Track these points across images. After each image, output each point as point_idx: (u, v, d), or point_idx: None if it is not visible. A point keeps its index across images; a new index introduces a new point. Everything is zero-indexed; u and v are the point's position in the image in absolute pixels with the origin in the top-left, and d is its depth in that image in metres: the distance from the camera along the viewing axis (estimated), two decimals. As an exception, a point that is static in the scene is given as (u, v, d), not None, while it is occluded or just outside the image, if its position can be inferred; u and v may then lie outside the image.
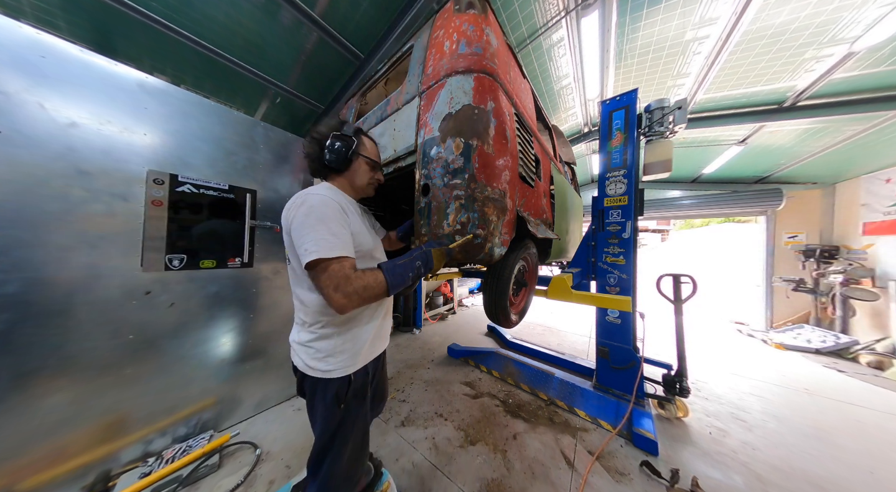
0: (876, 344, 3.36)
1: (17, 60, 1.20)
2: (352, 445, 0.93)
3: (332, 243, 0.75)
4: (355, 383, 0.91)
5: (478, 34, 1.12)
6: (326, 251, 0.73)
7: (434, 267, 0.89)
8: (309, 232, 0.75)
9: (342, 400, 0.89)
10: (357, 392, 0.92)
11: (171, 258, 1.59)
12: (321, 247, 0.73)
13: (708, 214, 5.29)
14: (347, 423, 0.91)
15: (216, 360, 1.78)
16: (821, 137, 3.29)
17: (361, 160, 0.98)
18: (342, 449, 0.91)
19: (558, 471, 1.54)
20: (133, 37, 2.08)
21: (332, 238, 0.75)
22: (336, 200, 0.84)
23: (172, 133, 1.62)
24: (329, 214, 0.78)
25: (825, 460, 1.68)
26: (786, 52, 2.18)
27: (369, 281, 0.76)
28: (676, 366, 1.97)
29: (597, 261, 2.14)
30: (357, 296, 0.74)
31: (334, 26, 2.21)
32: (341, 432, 0.90)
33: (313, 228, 0.75)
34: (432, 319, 4.53)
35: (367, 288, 0.75)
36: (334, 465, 0.91)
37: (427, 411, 2.07)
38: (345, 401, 0.90)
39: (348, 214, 0.86)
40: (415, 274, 0.85)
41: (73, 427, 1.31)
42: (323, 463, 0.91)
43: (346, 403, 0.90)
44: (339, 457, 0.92)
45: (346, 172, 0.97)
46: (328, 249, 0.74)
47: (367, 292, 0.75)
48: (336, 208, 0.81)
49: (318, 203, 0.79)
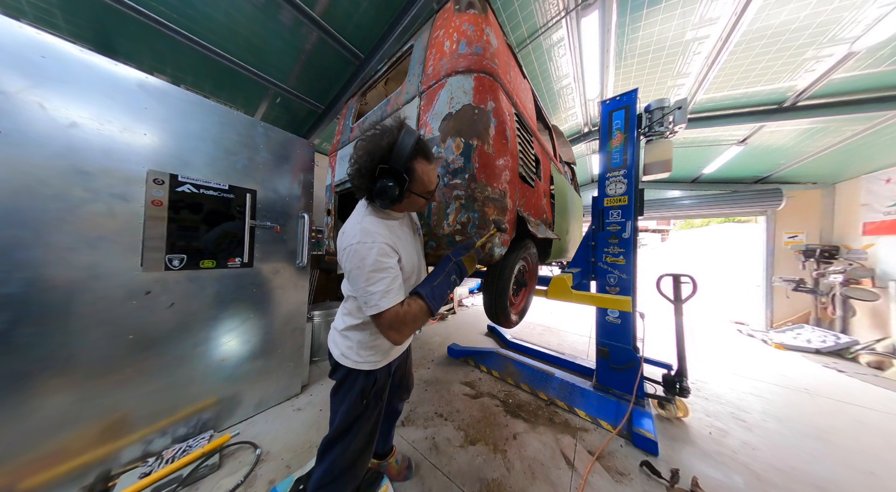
0: (876, 344, 3.36)
1: (17, 60, 1.20)
2: (361, 439, 1.00)
3: (388, 297, 0.80)
4: (379, 380, 1.00)
5: (478, 34, 1.12)
6: (386, 304, 0.79)
7: (469, 271, 0.93)
8: (364, 285, 0.80)
9: (366, 396, 0.97)
10: (378, 391, 1.00)
11: (171, 258, 1.59)
12: (380, 301, 0.79)
13: (708, 214, 5.29)
14: (364, 417, 0.99)
15: (216, 360, 1.78)
16: (821, 137, 3.29)
17: (414, 196, 0.89)
18: (353, 441, 0.99)
19: (558, 471, 1.54)
20: (133, 37, 2.08)
21: (387, 290, 0.80)
22: (387, 242, 0.84)
23: (172, 133, 1.62)
24: (380, 263, 0.80)
25: (825, 460, 1.68)
26: (786, 52, 2.18)
27: (416, 313, 0.82)
28: (676, 366, 1.97)
29: (597, 261, 2.14)
30: (409, 329, 0.82)
31: (334, 26, 2.20)
32: (357, 425, 0.98)
33: (368, 281, 0.80)
34: (432, 319, 4.53)
35: (416, 320, 0.82)
36: (343, 454, 0.99)
37: (427, 411, 2.07)
38: (367, 397, 0.98)
39: (397, 248, 0.87)
40: (452, 289, 0.90)
41: (73, 427, 1.31)
42: (333, 450, 0.99)
43: (368, 399, 0.98)
44: (348, 448, 0.99)
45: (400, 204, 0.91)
46: (386, 302, 0.79)
47: (417, 323, 0.83)
48: (385, 252, 0.82)
49: (366, 252, 0.80)
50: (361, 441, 1.01)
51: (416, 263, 0.97)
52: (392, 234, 0.89)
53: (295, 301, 2.19)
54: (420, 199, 0.90)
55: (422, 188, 0.87)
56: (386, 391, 1.05)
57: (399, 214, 0.97)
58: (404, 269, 0.89)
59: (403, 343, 1.00)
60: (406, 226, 1.00)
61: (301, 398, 2.22)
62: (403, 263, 0.89)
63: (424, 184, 0.87)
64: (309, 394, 2.28)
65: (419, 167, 0.84)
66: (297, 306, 2.21)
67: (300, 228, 2.18)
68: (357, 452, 1.01)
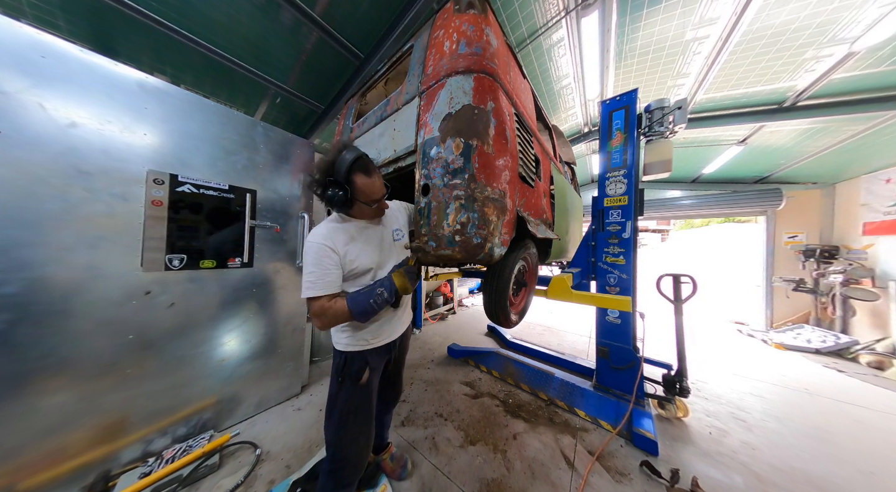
0: (876, 344, 3.35)
1: (17, 60, 1.20)
2: (347, 424, 1.07)
3: (314, 286, 0.95)
4: (354, 362, 1.08)
5: (478, 34, 1.12)
6: (308, 293, 0.95)
7: (399, 286, 1.01)
8: (305, 272, 0.97)
9: (340, 374, 1.08)
10: (352, 374, 1.07)
11: (171, 258, 1.59)
12: (306, 288, 0.95)
13: (708, 214, 5.28)
14: (341, 397, 1.07)
15: (216, 360, 1.78)
16: (821, 137, 3.29)
17: (360, 204, 1.03)
18: (339, 425, 1.06)
19: (558, 471, 1.54)
20: (133, 37, 2.08)
21: (313, 282, 0.95)
22: (326, 242, 0.98)
23: (172, 133, 1.62)
24: (315, 259, 0.97)
25: (825, 460, 1.68)
26: (786, 53, 2.18)
27: (337, 311, 0.95)
28: (676, 366, 1.97)
29: (597, 261, 2.14)
30: (328, 321, 0.95)
31: (334, 26, 2.20)
32: (336, 404, 1.07)
33: (305, 270, 0.97)
34: (432, 319, 4.53)
35: (337, 317, 0.95)
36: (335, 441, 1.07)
37: (427, 411, 2.07)
38: (342, 375, 1.07)
39: (338, 251, 0.99)
40: (377, 300, 0.97)
41: (73, 427, 1.31)
42: (328, 433, 1.09)
43: (343, 377, 1.07)
44: (338, 432, 1.07)
45: (351, 210, 1.05)
46: (309, 292, 0.95)
47: (338, 320, 0.96)
48: (323, 252, 0.97)
49: (308, 249, 0.99)
50: (349, 430, 1.07)
51: (376, 260, 1.07)
52: (345, 234, 1.03)
53: (295, 301, 2.19)
54: (366, 206, 1.04)
55: (365, 198, 1.01)
56: (363, 377, 1.09)
57: (361, 218, 1.09)
58: (358, 265, 1.03)
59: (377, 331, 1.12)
60: (375, 227, 1.12)
61: (301, 398, 2.22)
62: (357, 261, 1.03)
63: (367, 194, 1.00)
64: (309, 394, 2.28)
65: (358, 180, 0.98)
66: (297, 306, 2.21)
67: (300, 228, 2.18)
68: (349, 442, 1.08)
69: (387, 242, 1.14)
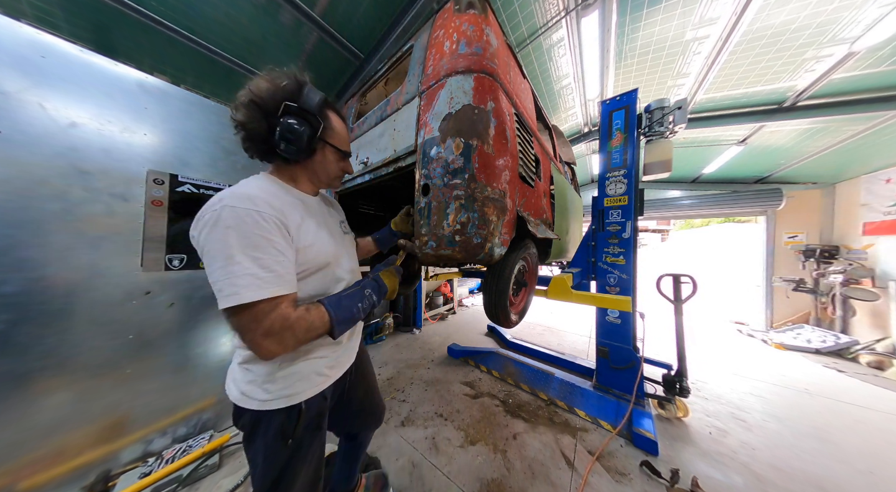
0: (876, 344, 3.36)
1: (17, 60, 1.20)
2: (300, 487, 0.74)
3: (261, 282, 0.56)
4: (309, 411, 0.73)
5: (478, 34, 1.12)
6: (251, 293, 0.54)
7: (389, 288, 0.82)
8: (225, 264, 0.54)
9: (290, 435, 0.69)
10: (311, 422, 0.74)
11: (171, 258, 1.59)
12: (245, 286, 0.54)
13: (708, 214, 5.29)
14: (296, 462, 0.72)
15: (216, 360, 1.78)
16: (821, 137, 3.29)
17: (329, 149, 0.74)
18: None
19: (558, 471, 1.54)
20: (133, 37, 2.08)
21: (260, 273, 0.56)
22: (271, 212, 0.61)
23: (172, 133, 1.62)
24: (253, 237, 0.57)
25: (825, 460, 1.68)
26: (786, 53, 2.18)
27: (312, 321, 0.61)
28: (676, 366, 1.97)
29: (597, 261, 2.14)
30: (293, 339, 0.59)
31: (334, 26, 2.20)
32: (288, 475, 0.71)
33: (230, 260, 0.54)
34: (432, 319, 4.53)
35: (309, 330, 0.61)
36: None
37: (427, 411, 2.07)
38: (293, 436, 0.70)
39: (291, 227, 0.64)
40: (365, 304, 0.73)
41: (73, 427, 1.32)
42: None
43: (296, 438, 0.71)
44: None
45: (306, 162, 0.73)
46: (253, 290, 0.55)
47: (309, 334, 0.61)
48: (268, 226, 0.59)
49: (230, 220, 0.56)
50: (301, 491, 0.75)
51: (333, 254, 0.76)
52: (294, 208, 0.68)
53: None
54: (334, 158, 0.75)
55: (339, 141, 0.74)
56: (324, 419, 0.79)
57: (310, 187, 0.78)
58: (315, 257, 0.70)
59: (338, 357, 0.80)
60: (325, 207, 0.85)
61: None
62: (315, 250, 0.70)
63: (342, 138, 0.74)
64: (309, 394, 2.28)
65: (333, 117, 0.73)
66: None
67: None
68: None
69: (337, 233, 0.85)
